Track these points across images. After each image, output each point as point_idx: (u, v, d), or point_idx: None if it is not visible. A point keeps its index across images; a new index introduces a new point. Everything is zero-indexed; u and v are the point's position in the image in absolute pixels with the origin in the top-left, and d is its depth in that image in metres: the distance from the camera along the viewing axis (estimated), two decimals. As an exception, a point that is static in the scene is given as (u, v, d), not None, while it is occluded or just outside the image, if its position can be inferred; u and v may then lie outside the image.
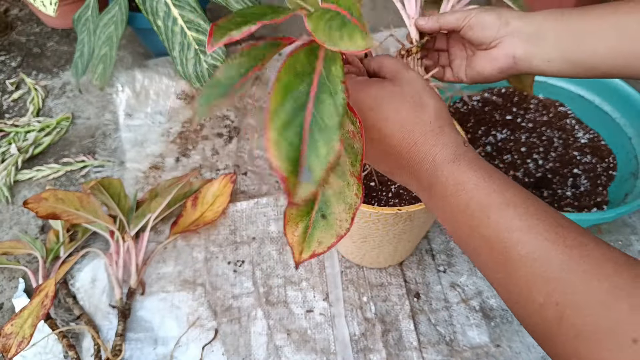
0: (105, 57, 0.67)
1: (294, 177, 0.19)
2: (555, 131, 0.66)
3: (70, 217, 0.54)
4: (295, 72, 0.21)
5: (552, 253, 0.21)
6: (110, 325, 0.54)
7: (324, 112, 0.20)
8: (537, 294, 0.21)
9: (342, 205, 0.26)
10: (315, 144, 0.20)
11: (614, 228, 0.61)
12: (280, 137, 0.19)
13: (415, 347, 0.51)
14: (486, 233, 0.23)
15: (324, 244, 0.26)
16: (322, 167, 0.19)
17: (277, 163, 0.19)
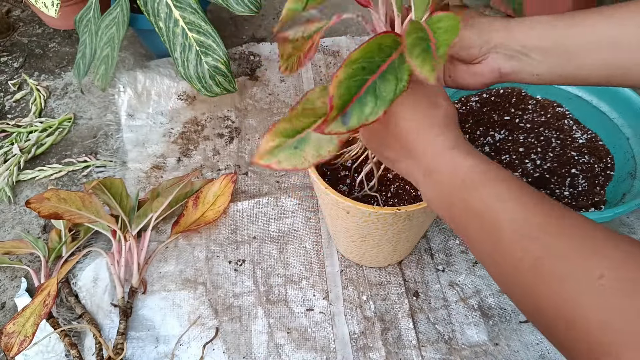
0: (107, 58, 0.68)
1: (337, 112, 0.24)
2: (553, 131, 0.66)
3: (72, 217, 0.55)
4: (380, 45, 0.26)
5: (533, 218, 0.23)
6: (112, 324, 0.54)
7: (385, 85, 0.25)
8: (517, 251, 0.23)
9: (313, 150, 0.30)
10: (366, 103, 0.24)
11: (611, 228, 0.61)
12: (345, 80, 0.24)
13: (415, 345, 0.51)
14: (477, 204, 0.25)
15: (281, 164, 0.30)
16: (360, 121, 0.24)
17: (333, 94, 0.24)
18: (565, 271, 0.21)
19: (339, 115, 0.24)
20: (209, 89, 0.68)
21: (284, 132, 0.30)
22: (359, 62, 0.25)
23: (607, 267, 0.20)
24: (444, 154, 0.28)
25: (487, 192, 0.25)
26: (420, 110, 0.29)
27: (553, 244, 0.22)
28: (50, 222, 0.65)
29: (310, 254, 0.60)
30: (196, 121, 0.77)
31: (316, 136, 0.30)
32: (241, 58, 0.87)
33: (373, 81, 0.25)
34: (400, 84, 0.25)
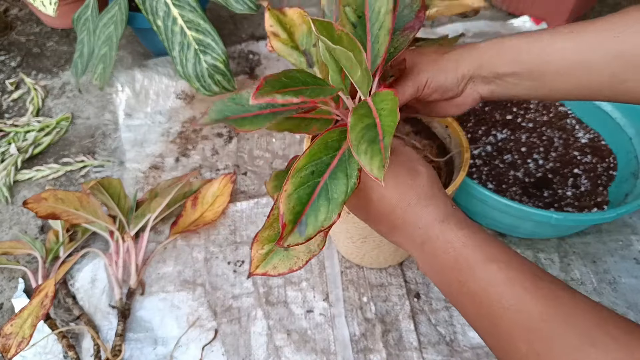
0: (105, 57, 0.67)
1: (292, 225, 0.24)
2: (555, 131, 0.66)
3: (70, 217, 0.54)
4: (326, 143, 0.26)
5: (531, 304, 0.23)
6: (110, 326, 0.54)
7: (336, 186, 0.25)
8: (520, 343, 0.23)
9: (304, 248, 0.30)
10: (318, 208, 0.24)
11: (614, 228, 0.60)
12: (295, 191, 0.24)
13: (416, 347, 0.51)
14: (473, 287, 0.25)
15: (277, 269, 0.30)
16: (316, 228, 0.24)
17: (283, 210, 0.24)
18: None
19: (295, 228, 0.24)
20: (208, 88, 0.67)
21: (270, 238, 0.30)
22: (306, 168, 0.25)
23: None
24: (435, 227, 0.27)
25: (481, 276, 0.25)
26: (402, 182, 0.29)
27: (553, 337, 0.22)
28: (47, 223, 0.65)
29: (310, 255, 0.59)
30: (195, 120, 0.77)
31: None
32: (240, 57, 0.86)
33: (324, 182, 0.25)
34: (351, 182, 0.25)
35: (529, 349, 0.22)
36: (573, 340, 0.22)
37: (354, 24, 0.29)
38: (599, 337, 0.21)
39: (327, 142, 0.26)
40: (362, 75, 0.26)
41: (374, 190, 0.29)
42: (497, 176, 0.61)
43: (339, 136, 0.26)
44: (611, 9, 0.95)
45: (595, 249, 0.58)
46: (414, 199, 0.28)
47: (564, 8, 0.85)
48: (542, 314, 0.23)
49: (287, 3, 1.02)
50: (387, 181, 0.29)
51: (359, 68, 0.25)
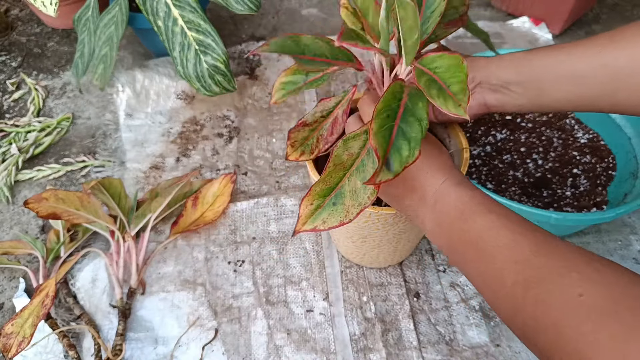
0: (105, 57, 0.68)
1: (381, 162, 0.26)
2: (554, 131, 0.66)
3: (70, 217, 0.54)
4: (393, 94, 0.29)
5: (523, 243, 0.26)
6: (111, 325, 0.54)
7: (410, 129, 0.27)
8: (509, 275, 0.25)
9: (353, 201, 0.32)
10: (401, 147, 0.27)
11: (613, 228, 0.61)
12: (379, 132, 0.27)
13: (415, 346, 0.51)
14: (473, 234, 0.28)
15: (326, 223, 0.31)
16: (402, 164, 0.26)
17: (376, 146, 0.26)
18: (551, 292, 0.23)
19: (383, 164, 0.26)
20: (208, 89, 0.68)
21: (320, 193, 0.32)
22: (383, 112, 0.27)
23: (586, 287, 0.22)
24: (450, 189, 0.31)
25: (482, 222, 0.28)
26: (429, 154, 0.33)
27: (539, 265, 0.24)
28: (48, 223, 0.65)
29: (310, 255, 0.60)
30: (195, 121, 0.77)
31: (349, 187, 0.32)
32: (241, 57, 0.87)
33: (398, 126, 0.27)
34: (424, 123, 0.27)
35: (517, 280, 0.24)
36: (559, 268, 0.23)
37: None
38: (583, 268, 0.23)
39: (393, 92, 0.29)
40: (416, 41, 0.29)
41: None
42: (496, 176, 0.61)
43: (400, 88, 0.29)
44: (610, 9, 0.96)
45: (595, 249, 0.59)
46: (436, 169, 0.33)
47: (563, 9, 0.85)
48: (532, 250, 0.25)
49: (287, 4, 1.02)
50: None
51: (417, 31, 0.28)
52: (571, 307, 0.22)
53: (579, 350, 0.20)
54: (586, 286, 0.22)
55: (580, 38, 0.90)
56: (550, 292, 0.23)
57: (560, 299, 0.22)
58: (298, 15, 0.98)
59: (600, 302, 0.21)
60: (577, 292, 0.22)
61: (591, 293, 0.21)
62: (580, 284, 0.22)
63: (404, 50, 0.31)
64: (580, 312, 0.21)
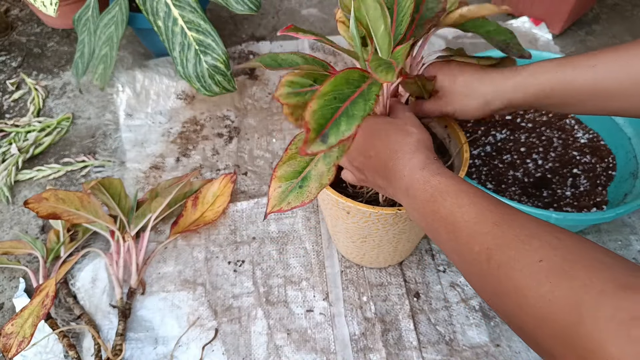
0: (105, 57, 0.68)
1: (315, 134, 0.27)
2: (554, 131, 0.66)
3: (70, 217, 0.54)
4: (348, 79, 0.30)
5: (488, 216, 0.27)
6: (111, 325, 0.54)
7: (355, 107, 0.29)
8: (475, 246, 0.27)
9: (317, 183, 0.35)
10: (340, 123, 0.28)
11: (613, 228, 0.61)
12: (319, 109, 0.28)
13: (415, 346, 0.51)
14: (444, 213, 0.30)
15: (290, 204, 0.34)
16: (337, 138, 0.28)
17: (309, 121, 0.27)
18: (513, 258, 0.24)
19: (318, 137, 0.27)
20: (208, 88, 0.68)
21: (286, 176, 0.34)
22: (330, 94, 0.29)
23: (546, 252, 0.23)
24: (416, 173, 0.33)
25: (450, 202, 0.30)
26: (394, 140, 0.35)
27: (502, 234, 0.26)
28: (48, 223, 0.65)
29: (310, 255, 0.60)
30: (195, 121, 0.77)
31: (316, 171, 0.35)
32: (240, 57, 0.87)
33: (345, 108, 0.29)
34: (369, 103, 0.29)
35: (481, 248, 0.26)
36: (521, 236, 0.25)
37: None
38: (544, 236, 0.24)
39: (348, 78, 0.30)
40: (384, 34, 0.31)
41: (372, 147, 0.35)
42: (496, 176, 0.61)
43: (360, 76, 0.31)
44: (610, 9, 0.96)
45: (595, 249, 0.59)
46: (401, 153, 0.34)
47: (563, 9, 0.85)
48: (496, 222, 0.27)
49: (287, 4, 1.02)
50: (381, 138, 0.35)
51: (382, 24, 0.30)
52: (531, 272, 0.23)
53: (538, 309, 0.22)
54: (545, 252, 0.23)
55: (580, 38, 0.90)
56: (511, 258, 0.24)
57: (522, 264, 0.24)
58: (298, 15, 0.98)
59: (558, 265, 0.22)
60: (537, 258, 0.23)
61: (550, 258, 0.23)
62: (540, 250, 0.23)
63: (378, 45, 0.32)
64: (540, 275, 0.22)
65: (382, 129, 0.35)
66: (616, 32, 0.91)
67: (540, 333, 0.22)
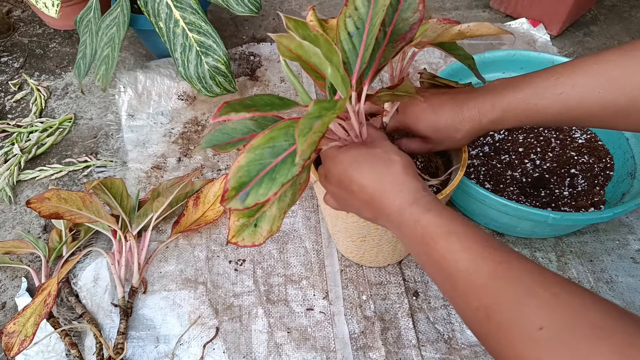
0: (107, 58, 0.68)
1: (235, 192, 0.27)
2: (552, 131, 0.66)
3: (72, 217, 0.55)
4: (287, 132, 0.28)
5: (483, 267, 0.26)
6: (113, 324, 0.55)
7: (280, 170, 0.28)
8: (472, 300, 0.26)
9: (268, 226, 0.35)
10: (261, 185, 0.27)
11: (610, 228, 0.61)
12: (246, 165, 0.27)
13: (414, 345, 0.51)
14: (436, 257, 0.29)
15: (244, 241, 0.35)
16: (255, 200, 0.27)
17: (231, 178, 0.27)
18: (512, 321, 0.23)
19: (237, 196, 0.27)
20: (209, 89, 0.68)
21: (244, 213, 0.35)
22: (262, 148, 0.28)
23: (546, 316, 0.23)
24: (406, 210, 0.31)
25: (442, 246, 0.28)
26: (378, 172, 0.32)
27: (499, 291, 0.25)
28: (50, 222, 0.65)
29: (310, 254, 0.60)
30: (196, 121, 0.77)
31: (270, 214, 0.35)
32: (241, 58, 0.87)
33: (275, 165, 0.28)
34: (294, 168, 0.28)
35: (479, 304, 0.25)
36: (517, 294, 0.24)
37: (351, 34, 0.31)
38: (540, 293, 0.24)
39: (288, 130, 0.28)
40: (333, 72, 0.27)
41: (354, 182, 0.33)
42: (494, 176, 0.62)
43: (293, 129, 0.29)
44: (608, 10, 0.96)
45: (593, 249, 0.59)
46: (388, 186, 0.32)
47: (561, 10, 0.85)
48: (491, 274, 0.26)
49: (287, 5, 1.02)
50: (365, 172, 0.33)
51: (328, 65, 0.27)
52: (532, 340, 0.22)
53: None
54: (545, 316, 0.23)
55: (578, 39, 0.91)
56: (511, 322, 0.24)
57: (521, 330, 0.23)
58: (298, 17, 0.99)
59: (559, 333, 0.22)
60: (537, 324, 0.22)
61: (550, 324, 0.22)
62: (540, 313, 0.23)
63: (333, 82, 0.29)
64: (540, 344, 0.22)
65: (363, 162, 0.33)
66: (614, 32, 0.92)
67: None
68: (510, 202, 0.50)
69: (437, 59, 0.85)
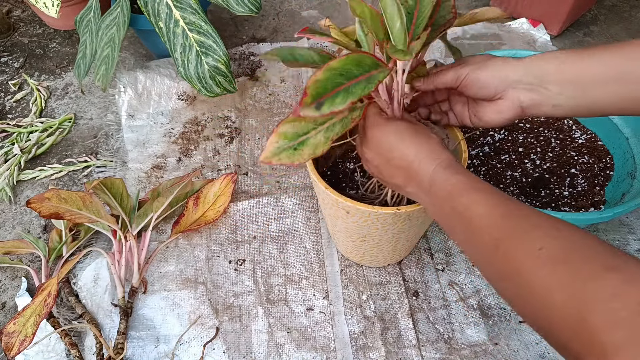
0: (107, 58, 0.68)
1: (312, 100, 0.30)
2: (552, 131, 0.66)
3: (72, 217, 0.55)
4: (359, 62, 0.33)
5: (497, 210, 0.30)
6: (113, 324, 0.55)
7: (357, 87, 0.31)
8: (485, 235, 0.30)
9: (310, 150, 0.37)
10: (338, 96, 0.30)
11: (610, 228, 0.61)
12: (323, 80, 0.30)
13: (414, 345, 0.51)
14: (460, 209, 0.32)
15: (281, 160, 0.36)
16: (330, 108, 0.30)
17: (310, 86, 0.30)
18: (516, 246, 0.27)
19: (314, 104, 0.29)
20: (209, 89, 0.68)
21: (287, 136, 0.36)
22: (337, 70, 0.31)
23: (546, 241, 0.26)
24: (439, 172, 0.35)
25: (466, 198, 0.32)
26: (418, 142, 0.37)
27: (508, 226, 0.29)
28: (50, 222, 0.65)
29: (310, 254, 0.60)
30: (196, 121, 0.77)
31: (314, 140, 0.37)
32: (241, 58, 0.87)
33: (348, 86, 0.31)
34: (369, 86, 0.31)
35: (490, 238, 0.29)
36: (525, 227, 0.28)
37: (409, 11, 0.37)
38: (545, 227, 0.27)
39: (360, 61, 0.32)
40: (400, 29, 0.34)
41: (395, 150, 0.37)
42: (494, 176, 0.62)
43: (372, 62, 0.33)
44: (608, 10, 0.96)
45: (592, 248, 0.59)
46: (427, 154, 0.36)
47: (561, 10, 0.85)
48: (503, 215, 0.30)
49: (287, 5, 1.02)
50: (407, 141, 0.37)
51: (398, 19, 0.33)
52: (532, 257, 0.26)
53: (536, 291, 0.25)
54: (546, 241, 0.26)
55: (578, 39, 0.91)
56: (515, 247, 0.27)
57: (524, 251, 0.27)
58: (298, 16, 0.99)
59: (556, 253, 0.25)
60: (537, 246, 0.26)
61: (549, 246, 0.26)
62: (541, 239, 0.26)
63: (393, 40, 0.34)
64: (539, 261, 0.25)
65: (406, 133, 0.37)
66: (614, 32, 0.92)
67: (538, 308, 0.25)
68: (510, 202, 0.50)
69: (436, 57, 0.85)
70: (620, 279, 0.22)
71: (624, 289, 0.21)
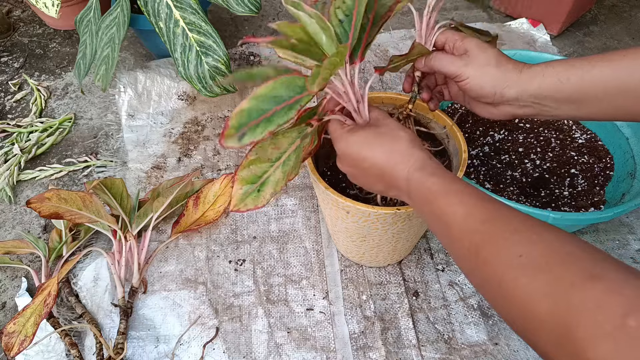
0: (107, 58, 0.68)
1: (234, 132, 0.30)
2: (552, 131, 0.67)
3: (72, 217, 0.55)
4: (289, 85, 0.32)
5: (476, 214, 0.30)
6: (113, 324, 0.55)
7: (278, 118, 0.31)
8: (465, 241, 0.29)
9: (271, 189, 0.37)
10: (258, 126, 0.31)
11: (610, 227, 0.61)
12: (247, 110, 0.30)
13: (414, 345, 0.51)
14: (438, 212, 0.32)
15: (247, 206, 0.37)
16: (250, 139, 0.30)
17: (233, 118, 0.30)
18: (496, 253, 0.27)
19: (236, 135, 0.30)
20: (210, 89, 0.68)
21: (247, 180, 0.37)
22: (264, 97, 0.31)
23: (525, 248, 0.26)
24: (414, 175, 0.34)
25: (443, 202, 0.32)
26: (387, 149, 0.36)
27: (488, 231, 0.28)
28: (50, 222, 0.65)
29: (310, 254, 0.60)
30: (196, 121, 0.77)
31: (273, 178, 0.38)
32: (241, 58, 0.87)
33: (274, 112, 0.31)
34: (290, 112, 0.31)
35: (470, 244, 0.29)
36: (504, 232, 0.27)
37: (341, 20, 0.36)
38: (524, 231, 0.27)
39: (289, 83, 0.32)
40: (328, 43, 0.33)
41: (366, 160, 0.36)
42: (494, 176, 0.62)
43: (303, 84, 0.32)
44: (608, 10, 0.96)
45: (592, 248, 0.59)
46: (398, 159, 0.35)
47: (561, 10, 0.85)
48: (483, 220, 0.29)
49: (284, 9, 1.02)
50: (375, 149, 0.36)
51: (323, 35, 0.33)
52: (512, 265, 0.25)
53: (517, 300, 0.25)
54: (526, 247, 0.26)
55: (578, 39, 0.91)
56: (495, 254, 0.27)
57: (504, 258, 0.26)
58: (298, 16, 0.99)
59: (536, 259, 0.25)
60: (517, 253, 0.26)
61: (529, 253, 0.25)
62: (521, 245, 0.26)
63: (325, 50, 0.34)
64: (519, 269, 0.25)
65: (372, 141, 0.36)
66: (614, 32, 0.92)
67: (521, 318, 0.25)
68: (510, 202, 0.50)
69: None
70: (602, 288, 0.21)
71: (607, 300, 0.21)
